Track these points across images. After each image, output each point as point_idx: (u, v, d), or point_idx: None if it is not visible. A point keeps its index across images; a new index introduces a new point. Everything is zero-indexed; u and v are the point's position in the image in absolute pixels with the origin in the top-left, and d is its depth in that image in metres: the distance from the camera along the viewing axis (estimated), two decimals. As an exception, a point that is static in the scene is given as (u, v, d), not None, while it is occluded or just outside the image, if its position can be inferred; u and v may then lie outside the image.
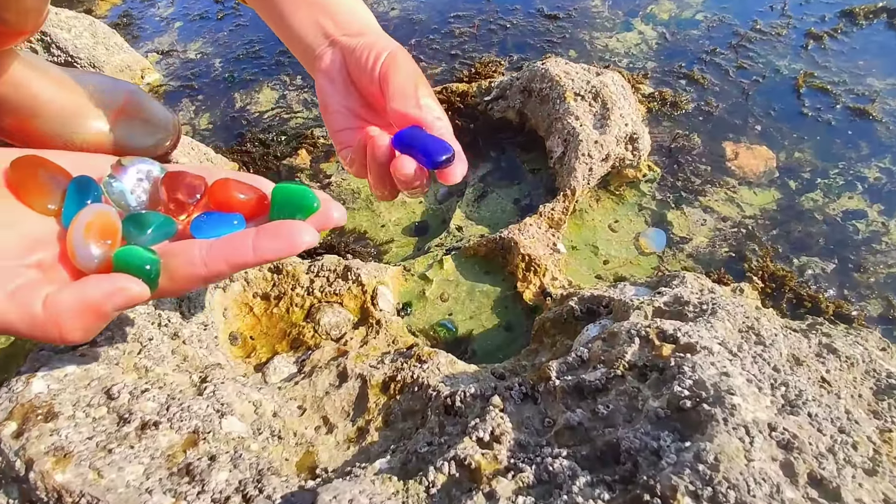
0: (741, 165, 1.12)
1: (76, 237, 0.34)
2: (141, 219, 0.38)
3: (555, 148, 1.06)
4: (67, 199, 0.36)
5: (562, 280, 0.90)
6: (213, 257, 0.35)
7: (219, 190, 0.41)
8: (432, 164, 0.44)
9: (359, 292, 0.87)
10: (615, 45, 1.50)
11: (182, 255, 0.36)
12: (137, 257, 0.34)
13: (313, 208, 0.40)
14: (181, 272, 0.36)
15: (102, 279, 0.32)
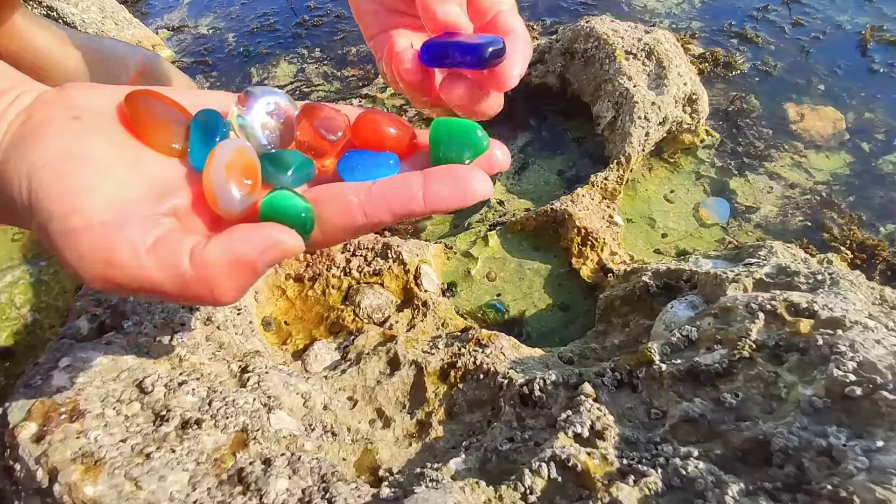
0: (807, 128, 1.02)
1: (216, 179, 0.28)
2: (278, 158, 0.32)
3: (604, 113, 0.97)
4: (193, 137, 0.31)
5: (622, 255, 0.82)
6: (375, 204, 0.30)
7: (365, 125, 0.34)
8: (479, 61, 0.33)
9: (400, 272, 0.79)
10: (654, 5, 1.39)
11: (334, 200, 0.30)
12: (291, 204, 0.29)
13: (483, 147, 0.33)
14: (335, 221, 0.30)
15: (251, 231, 0.27)
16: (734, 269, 0.58)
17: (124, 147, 0.29)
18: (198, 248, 0.27)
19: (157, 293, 0.27)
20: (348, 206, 0.30)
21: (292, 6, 1.57)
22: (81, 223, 0.26)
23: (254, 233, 0.27)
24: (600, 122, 0.99)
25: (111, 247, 0.26)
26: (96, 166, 0.27)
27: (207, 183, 0.29)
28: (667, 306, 0.59)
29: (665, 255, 0.89)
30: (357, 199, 0.30)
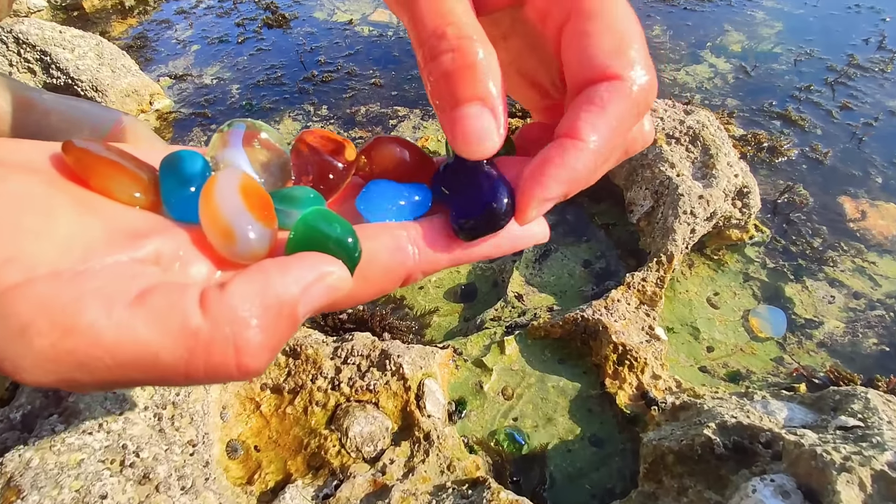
0: (868, 227, 0.90)
1: (229, 208, 0.22)
2: (283, 195, 0.26)
3: (640, 201, 0.86)
4: (165, 181, 0.25)
5: (666, 378, 0.68)
6: (430, 239, 0.25)
7: (382, 151, 0.29)
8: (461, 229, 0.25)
9: (400, 389, 0.66)
10: (685, 78, 1.31)
11: (379, 233, 0.24)
12: (333, 223, 0.23)
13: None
14: (381, 259, 0.24)
15: (288, 262, 0.21)
16: (831, 439, 0.45)
17: (70, 190, 0.22)
18: (211, 294, 0.19)
19: (149, 370, 0.19)
20: (398, 238, 0.24)
21: (302, 59, 1.50)
22: (20, 277, 0.18)
23: (292, 264, 0.21)
24: (634, 210, 0.87)
25: (72, 305, 0.18)
26: (36, 207, 0.20)
27: (213, 216, 0.22)
28: (745, 486, 0.45)
29: (713, 376, 0.75)
30: (406, 232, 0.24)
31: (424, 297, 0.89)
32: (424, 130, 1.21)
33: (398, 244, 0.24)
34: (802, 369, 0.72)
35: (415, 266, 0.24)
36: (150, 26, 1.88)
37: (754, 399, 0.61)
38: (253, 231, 0.22)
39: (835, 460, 0.42)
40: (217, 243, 0.22)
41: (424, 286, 0.91)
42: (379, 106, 1.31)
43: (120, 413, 0.47)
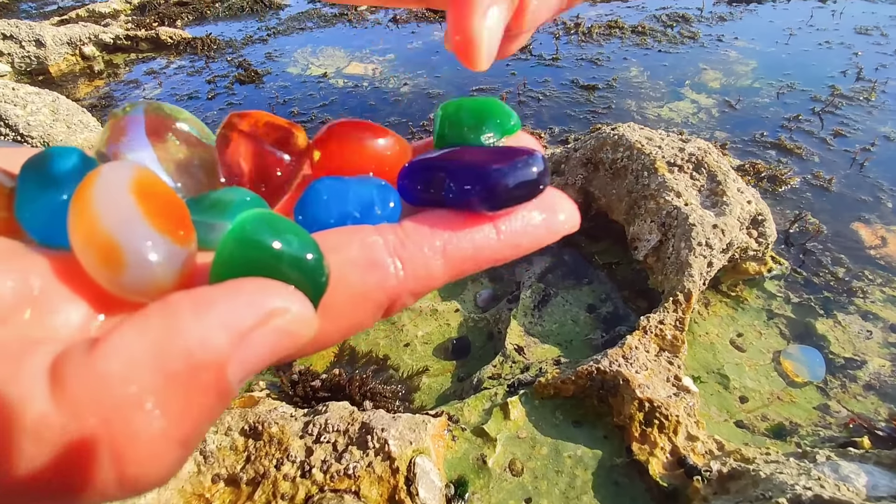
0: (891, 253, 0.83)
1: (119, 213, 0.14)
2: (208, 200, 0.18)
3: (644, 235, 0.77)
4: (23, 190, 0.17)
5: (704, 439, 0.57)
6: (415, 244, 0.17)
7: (340, 138, 0.20)
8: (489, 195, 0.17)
9: (386, 471, 0.53)
10: (669, 114, 1.28)
11: (348, 248, 0.17)
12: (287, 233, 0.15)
13: (511, 126, 0.20)
14: (352, 280, 0.16)
15: (204, 299, 0.13)
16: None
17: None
18: (73, 360, 0.12)
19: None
20: (371, 249, 0.17)
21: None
22: None
23: (217, 300, 0.13)
24: (639, 246, 0.79)
25: None
26: None
27: (89, 228, 0.14)
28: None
29: (753, 432, 0.64)
30: (382, 238, 0.17)
31: (411, 356, 0.78)
32: (404, 175, 1.14)
33: (373, 257, 0.17)
34: (858, 419, 0.62)
35: (399, 286, 0.17)
36: (117, 87, 1.83)
37: (818, 461, 0.50)
38: (153, 250, 0.14)
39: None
40: (96, 271, 0.15)
41: (411, 343, 0.80)
42: (355, 153, 1.23)
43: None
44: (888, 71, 1.32)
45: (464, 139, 0.20)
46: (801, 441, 0.61)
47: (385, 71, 1.65)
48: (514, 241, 0.18)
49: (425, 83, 1.54)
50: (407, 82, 1.55)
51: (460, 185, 0.18)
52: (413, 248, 0.17)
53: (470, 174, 0.18)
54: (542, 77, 1.50)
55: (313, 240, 0.16)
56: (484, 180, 0.17)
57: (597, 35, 1.75)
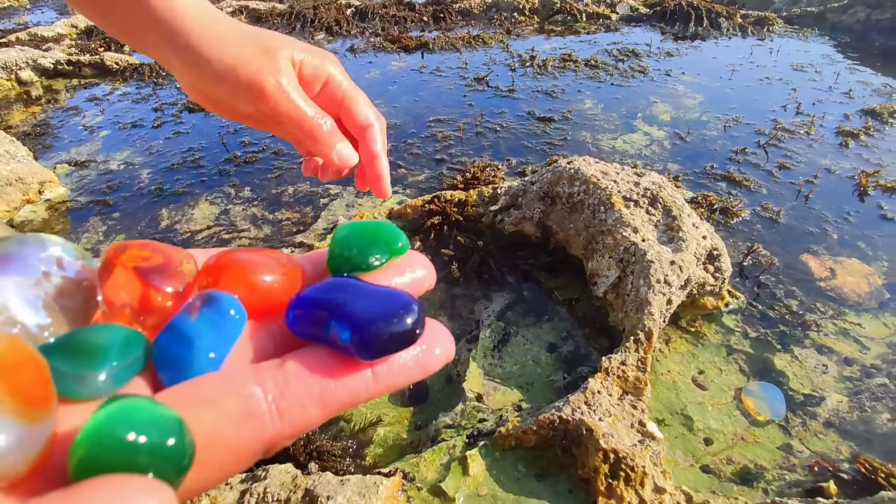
0: (839, 285, 0.85)
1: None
2: (78, 344, 0.18)
3: (603, 271, 0.76)
4: None
5: (672, 491, 0.54)
6: (295, 393, 0.18)
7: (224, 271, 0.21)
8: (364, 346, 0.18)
9: (330, 547, 0.48)
10: (623, 146, 1.30)
11: (224, 401, 0.17)
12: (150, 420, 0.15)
13: (398, 247, 0.23)
14: (228, 438, 0.17)
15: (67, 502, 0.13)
16: None
17: None
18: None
19: None
20: (250, 404, 0.17)
21: (224, 141, 1.39)
22: None
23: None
24: (598, 282, 0.77)
25: None
26: None
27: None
28: None
29: (720, 477, 0.62)
30: (261, 390, 0.17)
31: (364, 404, 0.73)
32: (360, 208, 1.10)
33: (250, 410, 0.17)
34: (823, 461, 0.61)
35: (275, 435, 0.17)
36: (55, 113, 1.72)
37: (787, 513, 0.48)
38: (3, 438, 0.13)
39: None
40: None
41: (364, 389, 0.75)
42: (308, 185, 1.19)
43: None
44: (824, 106, 1.39)
45: (353, 262, 0.22)
46: (769, 486, 0.60)
47: (341, 100, 1.62)
48: (388, 384, 0.19)
49: (384, 113, 1.51)
50: (364, 112, 1.53)
51: (340, 334, 0.18)
52: (292, 398, 0.17)
53: (349, 325, 0.18)
54: (499, 108, 1.51)
55: (176, 420, 0.15)
56: (360, 332, 0.18)
57: (551, 68, 1.78)
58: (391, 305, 0.19)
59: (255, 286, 0.21)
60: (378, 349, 0.18)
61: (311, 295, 0.20)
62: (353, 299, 0.19)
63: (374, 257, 0.22)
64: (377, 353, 0.18)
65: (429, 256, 0.92)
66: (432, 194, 1.02)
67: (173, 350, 0.18)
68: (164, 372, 0.19)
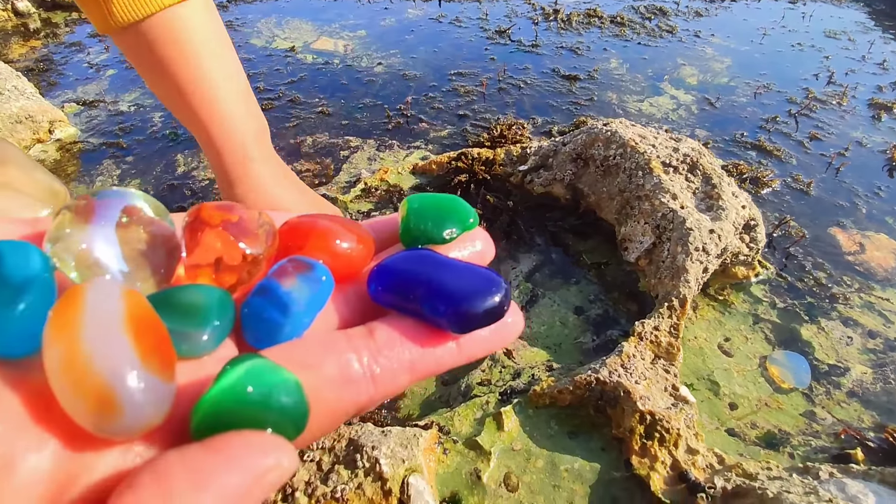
0: (867, 259, 0.85)
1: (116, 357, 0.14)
2: (175, 299, 0.18)
3: (637, 237, 0.75)
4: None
5: (704, 453, 0.56)
6: (389, 361, 0.19)
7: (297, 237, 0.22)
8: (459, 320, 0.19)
9: (377, 494, 0.49)
10: (650, 109, 1.27)
11: (323, 366, 0.18)
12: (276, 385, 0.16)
13: (470, 222, 0.23)
14: (329, 400, 0.18)
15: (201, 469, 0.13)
16: None
17: None
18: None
19: None
20: (348, 369, 0.18)
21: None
22: None
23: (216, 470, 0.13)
24: (630, 248, 0.77)
25: None
26: None
27: (80, 373, 0.13)
28: None
29: (744, 440, 0.63)
30: (358, 357, 0.18)
31: (395, 359, 0.73)
32: (382, 162, 1.08)
33: (348, 375, 0.18)
34: (850, 430, 0.62)
35: (369, 400, 0.19)
36: (57, 49, 1.65)
37: (821, 478, 0.50)
38: (149, 396, 0.14)
39: None
40: (82, 417, 0.14)
41: (392, 344, 0.75)
42: (328, 136, 1.16)
43: None
44: (857, 76, 1.35)
45: (428, 235, 0.23)
46: (794, 451, 0.61)
47: (357, 48, 1.56)
48: (471, 354, 0.20)
49: (400, 63, 1.46)
50: (381, 62, 1.48)
51: (432, 308, 0.19)
52: (384, 364, 0.19)
53: (442, 299, 0.19)
54: (523, 64, 1.46)
55: (296, 383, 0.16)
56: (455, 307, 0.19)
57: (576, 23, 1.71)
58: (483, 283, 0.20)
59: (338, 254, 0.21)
60: (471, 324, 0.19)
61: (395, 266, 0.21)
62: (441, 274, 0.20)
63: (448, 231, 0.23)
64: (470, 328, 0.19)
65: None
66: (458, 151, 0.99)
67: (267, 313, 0.19)
68: (255, 333, 0.19)
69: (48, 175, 0.57)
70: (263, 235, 0.20)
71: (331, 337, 0.19)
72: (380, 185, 0.97)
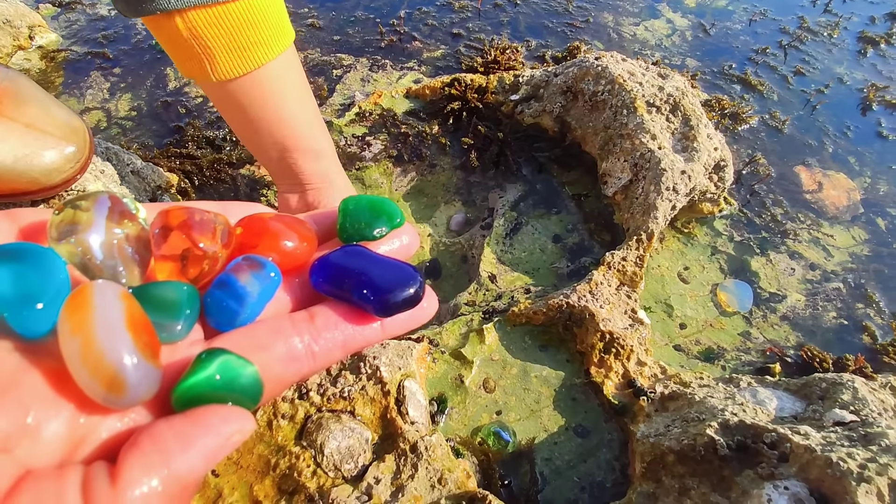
0: (823, 198, 0.93)
1: (120, 349, 0.18)
2: (157, 298, 0.22)
3: (616, 173, 0.81)
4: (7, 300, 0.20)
5: (651, 365, 0.67)
6: (326, 343, 0.24)
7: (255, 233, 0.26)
8: (382, 307, 0.25)
9: (378, 394, 0.59)
10: (644, 34, 1.26)
11: (275, 347, 0.23)
12: (238, 375, 0.21)
13: (396, 221, 0.29)
14: (277, 373, 0.23)
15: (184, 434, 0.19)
16: (848, 447, 0.44)
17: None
18: (98, 493, 0.17)
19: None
20: (293, 350, 0.23)
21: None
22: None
23: (194, 435, 0.18)
24: (609, 182, 0.83)
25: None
26: None
27: (94, 362, 0.18)
28: (759, 494, 0.44)
29: (687, 354, 0.75)
30: (301, 339, 0.24)
31: (390, 279, 0.81)
32: (374, 84, 1.08)
33: (293, 354, 0.23)
34: (774, 348, 0.74)
35: (310, 372, 0.24)
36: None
37: (741, 386, 0.61)
38: (145, 378, 0.19)
39: (852, 469, 0.42)
40: (95, 393, 0.18)
41: (387, 265, 0.83)
42: (319, 53, 1.15)
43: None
44: (853, 5, 1.34)
45: (361, 233, 0.28)
46: (727, 365, 0.73)
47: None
48: (392, 332, 0.26)
49: (393, -30, 1.39)
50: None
51: (361, 296, 0.24)
52: (322, 344, 0.24)
53: (369, 289, 0.24)
54: (520, -24, 1.40)
55: (255, 371, 0.21)
56: (379, 296, 0.24)
57: (579, -72, 1.62)
58: (403, 277, 0.25)
59: (286, 252, 0.26)
60: (392, 310, 0.24)
61: (334, 261, 0.26)
62: (370, 268, 0.25)
63: (378, 230, 0.28)
64: (391, 313, 0.25)
65: (447, 142, 0.95)
66: (452, 76, 1.01)
67: (226, 304, 0.23)
68: (216, 319, 0.24)
69: (65, 109, 0.60)
70: (220, 234, 0.25)
71: (279, 322, 0.24)
72: (374, 110, 0.99)
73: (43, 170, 0.55)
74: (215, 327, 0.24)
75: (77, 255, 0.21)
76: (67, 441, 0.19)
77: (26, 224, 0.23)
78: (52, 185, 0.57)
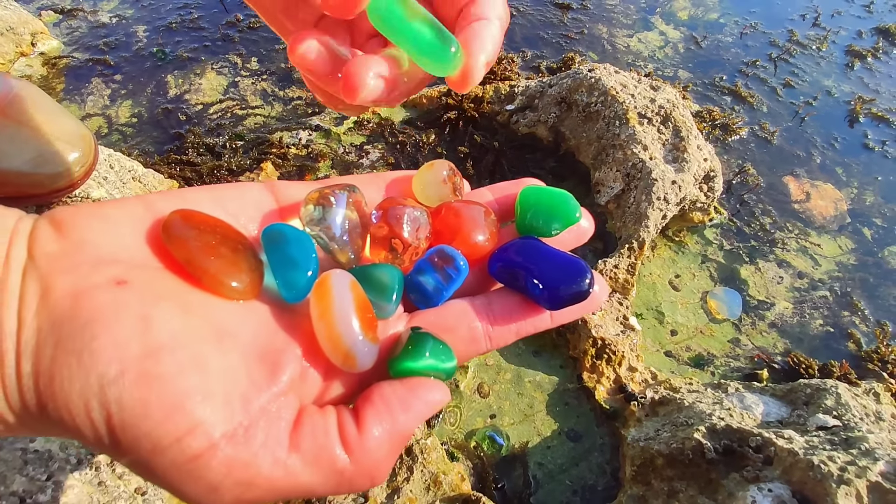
0: (810, 208, 0.95)
1: (353, 333, 0.24)
2: (373, 280, 0.27)
3: (609, 182, 0.83)
4: (277, 266, 0.26)
5: (642, 370, 0.69)
6: (501, 328, 0.28)
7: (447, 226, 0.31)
8: (552, 301, 0.28)
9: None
10: (638, 46, 1.29)
11: (460, 329, 0.28)
12: (442, 356, 0.26)
13: (574, 218, 0.32)
14: (459, 352, 0.27)
15: (406, 397, 0.24)
16: (829, 451, 0.46)
17: (195, 310, 0.22)
18: (350, 434, 0.22)
19: (303, 496, 0.22)
20: (474, 333, 0.28)
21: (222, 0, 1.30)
22: (206, 443, 0.20)
23: (411, 400, 0.24)
24: (602, 191, 0.85)
25: (250, 463, 0.20)
26: (186, 357, 0.20)
27: (336, 341, 0.23)
28: (744, 496, 0.46)
29: (678, 361, 0.76)
30: (481, 324, 0.28)
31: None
32: (373, 93, 1.10)
33: (474, 336, 0.28)
34: (762, 354, 0.75)
35: (486, 351, 0.29)
36: (19, -58, 1.53)
37: (729, 391, 0.63)
38: (368, 354, 0.24)
39: (832, 472, 0.43)
40: (337, 362, 0.24)
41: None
42: (319, 61, 1.16)
43: (47, 478, 0.38)
44: (842, 19, 1.37)
45: (538, 230, 0.31)
46: (716, 370, 0.75)
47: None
48: (560, 322, 0.29)
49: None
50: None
51: (534, 289, 0.27)
52: (499, 330, 0.28)
53: (543, 283, 0.27)
54: (516, -13, 1.43)
55: (452, 354, 0.26)
56: (550, 290, 0.27)
57: (574, -59, 1.65)
58: (572, 271, 0.28)
59: (474, 246, 0.30)
60: (562, 303, 0.27)
61: (511, 254, 0.29)
62: (542, 263, 0.28)
63: (555, 230, 0.31)
64: (560, 306, 0.28)
65: (444, 150, 0.97)
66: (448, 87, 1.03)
67: (423, 288, 0.28)
68: (416, 298, 0.29)
69: (72, 119, 0.61)
70: (424, 227, 0.30)
71: (464, 307, 0.28)
72: (372, 118, 1.01)
73: (50, 174, 0.56)
74: (415, 304, 0.29)
75: (322, 239, 0.27)
76: (321, 388, 0.25)
77: (284, 197, 0.29)
78: (57, 189, 0.58)
